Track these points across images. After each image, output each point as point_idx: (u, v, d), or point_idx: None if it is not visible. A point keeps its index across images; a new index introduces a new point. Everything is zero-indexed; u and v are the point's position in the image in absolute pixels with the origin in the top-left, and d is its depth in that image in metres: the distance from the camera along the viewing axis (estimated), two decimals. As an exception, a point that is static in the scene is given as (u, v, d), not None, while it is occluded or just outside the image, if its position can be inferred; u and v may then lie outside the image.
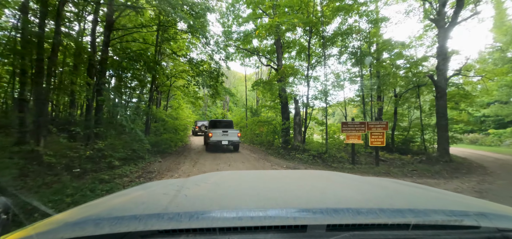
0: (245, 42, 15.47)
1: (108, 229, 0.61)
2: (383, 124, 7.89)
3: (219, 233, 0.63)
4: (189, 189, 1.01)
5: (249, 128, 16.74)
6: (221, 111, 29.57)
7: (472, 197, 1.09)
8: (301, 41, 13.65)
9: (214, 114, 29.98)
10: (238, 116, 20.80)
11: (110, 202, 0.92)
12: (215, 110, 30.80)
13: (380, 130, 7.78)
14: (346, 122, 8.26)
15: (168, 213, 0.69)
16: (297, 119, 10.84)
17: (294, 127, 10.89)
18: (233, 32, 14.96)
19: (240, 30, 15.30)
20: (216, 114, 29.79)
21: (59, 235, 0.60)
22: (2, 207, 0.73)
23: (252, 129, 15.16)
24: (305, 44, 13.75)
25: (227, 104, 30.93)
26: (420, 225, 0.68)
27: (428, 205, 0.87)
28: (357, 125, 8.07)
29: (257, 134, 15.33)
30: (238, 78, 39.28)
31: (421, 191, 1.14)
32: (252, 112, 17.98)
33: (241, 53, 17.89)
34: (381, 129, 7.78)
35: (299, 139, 10.68)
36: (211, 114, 30.31)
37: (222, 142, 9.94)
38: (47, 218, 0.78)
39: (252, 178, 1.40)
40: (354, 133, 8.04)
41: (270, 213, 0.72)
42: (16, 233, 0.66)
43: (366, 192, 1.06)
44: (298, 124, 10.79)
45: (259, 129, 15.14)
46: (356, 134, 8.06)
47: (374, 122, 8.17)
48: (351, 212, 0.71)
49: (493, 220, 0.72)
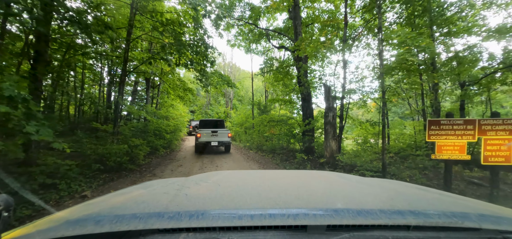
0: (252, 19, 11.94)
1: (109, 227, 0.61)
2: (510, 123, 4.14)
3: (219, 232, 0.63)
4: (190, 188, 1.02)
5: (256, 129, 13.14)
6: (224, 109, 26.08)
7: (473, 199, 1.04)
8: (330, 9, 9.97)
9: (216, 113, 26.58)
10: (243, 115, 17.22)
11: (111, 201, 0.92)
12: (218, 108, 27.37)
13: (505, 133, 4.07)
14: (436, 121, 4.52)
15: (168, 212, 0.69)
16: (329, 116, 7.13)
17: (325, 128, 7.19)
18: (235, 4, 11.44)
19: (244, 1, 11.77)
20: (219, 112, 26.36)
21: (60, 233, 0.60)
22: (4, 204, 0.68)
23: (260, 130, 11.52)
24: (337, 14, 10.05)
25: (230, 102, 27.44)
26: (420, 226, 0.68)
27: (429, 206, 0.85)
28: (459, 125, 4.35)
29: (267, 137, 11.72)
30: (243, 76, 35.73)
31: (421, 192, 1.12)
32: (260, 108, 14.35)
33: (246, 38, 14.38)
34: (507, 133, 4.07)
35: (334, 147, 6.98)
36: (213, 113, 26.91)
37: (211, 143, 9.33)
38: (48, 216, 0.78)
39: (253, 178, 1.39)
40: (453, 140, 4.35)
41: (270, 212, 0.71)
42: (17, 231, 0.66)
43: (366, 193, 1.06)
44: (332, 124, 7.09)
45: (269, 131, 11.51)
46: (457, 142, 4.36)
47: (492, 120, 4.38)
48: (351, 212, 0.71)
49: (494, 222, 0.71)
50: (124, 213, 0.68)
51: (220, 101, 29.53)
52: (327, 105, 7.27)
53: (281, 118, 9.88)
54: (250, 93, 28.56)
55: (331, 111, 7.18)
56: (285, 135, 10.22)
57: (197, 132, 9.61)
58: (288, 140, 10.65)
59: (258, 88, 26.05)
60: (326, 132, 7.14)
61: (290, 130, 10.81)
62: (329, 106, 7.23)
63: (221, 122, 10.75)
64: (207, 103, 30.53)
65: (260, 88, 24.85)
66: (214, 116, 26.09)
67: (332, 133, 7.07)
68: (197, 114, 30.87)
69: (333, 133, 7.07)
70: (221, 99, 29.62)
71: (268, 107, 14.15)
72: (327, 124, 7.15)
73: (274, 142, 11.25)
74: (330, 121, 7.13)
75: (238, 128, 16.28)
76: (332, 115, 7.17)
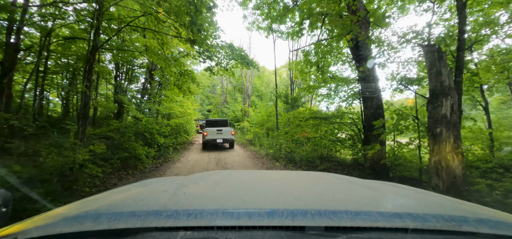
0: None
1: (106, 224, 0.61)
2: None
3: (217, 231, 0.63)
4: (188, 187, 1.02)
5: (282, 131, 9.73)
6: (241, 107, 22.92)
7: (471, 203, 1.02)
8: None
9: (232, 111, 23.60)
10: (263, 112, 13.84)
11: (109, 198, 0.92)
12: (234, 106, 24.35)
13: None
14: None
15: (166, 211, 0.69)
16: (443, 107, 3.52)
17: (433, 131, 3.57)
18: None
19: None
20: (235, 111, 23.35)
21: (58, 229, 0.60)
22: (2, 200, 0.69)
23: (291, 133, 8.09)
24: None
25: (248, 98, 24.19)
26: (418, 229, 0.67)
27: (427, 209, 0.84)
28: None
29: (299, 142, 8.27)
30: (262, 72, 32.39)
31: (420, 195, 1.11)
32: (288, 102, 10.87)
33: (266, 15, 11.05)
34: None
35: (457, 167, 3.37)
36: (229, 112, 23.96)
37: (217, 140, 10.13)
38: (46, 212, 0.78)
39: (252, 178, 1.39)
40: None
41: (269, 212, 0.71)
42: (15, 226, 0.66)
43: (365, 195, 1.05)
44: (448, 123, 3.47)
45: (302, 133, 8.06)
46: None
47: None
48: (349, 214, 0.70)
49: (492, 227, 0.70)
50: (122, 211, 0.69)
51: (237, 98, 26.47)
52: (436, 85, 3.66)
53: (329, 115, 6.31)
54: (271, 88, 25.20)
55: (447, 95, 3.57)
56: (331, 139, 6.72)
57: (204, 131, 10.42)
58: (333, 146, 7.14)
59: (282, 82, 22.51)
60: (437, 138, 3.54)
61: (333, 132, 7.30)
62: (441, 85, 3.62)
63: (225, 121, 11.42)
64: (223, 101, 27.67)
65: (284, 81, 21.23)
66: (230, 114, 23.42)
67: (450, 139, 3.46)
68: (213, 113, 28.29)
69: (453, 140, 3.46)
70: (238, 96, 26.55)
71: (299, 99, 10.65)
72: (438, 122, 3.56)
73: (307, 148, 7.77)
74: (444, 116, 3.53)
75: (257, 128, 12.99)
76: (449, 104, 3.55)
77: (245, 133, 15.25)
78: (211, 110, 29.98)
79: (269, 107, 14.09)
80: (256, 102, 24.72)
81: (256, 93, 27.62)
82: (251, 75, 24.97)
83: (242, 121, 18.42)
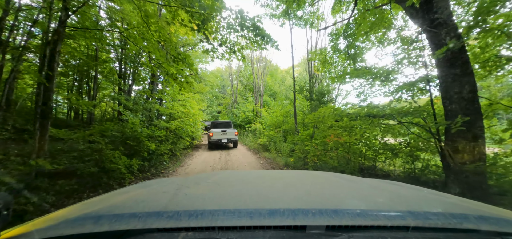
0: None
1: (107, 226, 0.61)
2: None
3: (219, 231, 0.62)
4: (189, 188, 1.01)
5: (303, 134, 7.80)
6: (253, 107, 21.09)
7: (472, 201, 0.98)
8: None
9: (243, 112, 21.86)
10: (278, 112, 11.88)
11: (110, 200, 0.91)
12: (245, 106, 22.57)
13: None
14: None
15: (167, 212, 0.68)
16: None
17: None
18: None
19: None
20: (246, 112, 21.58)
21: (59, 232, 0.59)
22: (3, 203, 0.67)
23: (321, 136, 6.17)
24: None
25: (260, 98, 22.32)
26: (419, 227, 0.67)
27: (428, 207, 0.82)
28: None
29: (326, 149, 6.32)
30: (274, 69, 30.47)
31: (421, 193, 1.09)
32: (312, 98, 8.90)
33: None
34: None
35: None
36: (240, 113, 22.23)
37: (221, 140, 10.72)
38: (47, 215, 0.77)
39: (253, 178, 1.36)
40: None
41: (270, 212, 0.70)
42: (16, 229, 0.65)
43: (366, 194, 1.04)
44: None
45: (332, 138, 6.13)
46: None
47: None
48: (350, 213, 0.70)
49: (493, 224, 0.69)
50: (123, 212, 0.68)
51: (248, 97, 24.71)
52: None
53: (396, 110, 4.26)
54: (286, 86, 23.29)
55: None
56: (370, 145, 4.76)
57: (209, 132, 11.10)
58: (373, 155, 5.19)
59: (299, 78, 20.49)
60: None
61: (375, 136, 5.33)
62: None
63: (229, 123, 12.17)
64: (233, 101, 26.02)
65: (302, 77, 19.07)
66: (240, 115, 21.79)
67: None
68: (223, 114, 26.79)
69: None
70: (249, 95, 24.79)
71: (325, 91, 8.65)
72: None
73: (338, 157, 5.82)
74: None
75: (272, 131, 11.10)
76: None
77: (257, 137, 13.13)
78: (221, 111, 28.48)
79: (285, 106, 12.14)
80: (268, 101, 22.79)
81: (268, 92, 25.71)
82: (263, 72, 23.13)
83: (254, 123, 16.33)
